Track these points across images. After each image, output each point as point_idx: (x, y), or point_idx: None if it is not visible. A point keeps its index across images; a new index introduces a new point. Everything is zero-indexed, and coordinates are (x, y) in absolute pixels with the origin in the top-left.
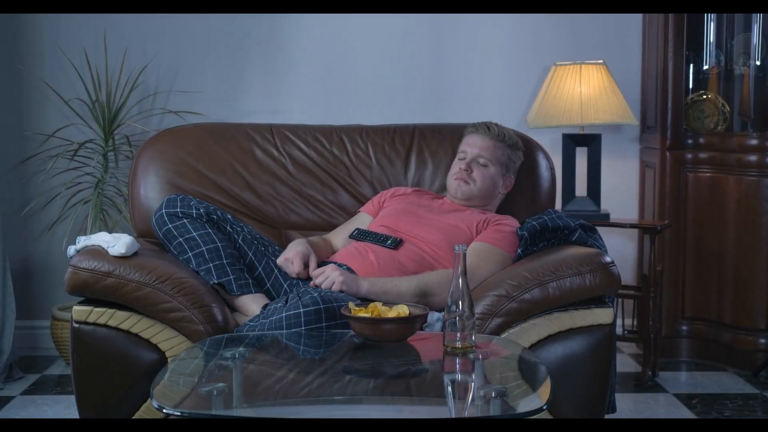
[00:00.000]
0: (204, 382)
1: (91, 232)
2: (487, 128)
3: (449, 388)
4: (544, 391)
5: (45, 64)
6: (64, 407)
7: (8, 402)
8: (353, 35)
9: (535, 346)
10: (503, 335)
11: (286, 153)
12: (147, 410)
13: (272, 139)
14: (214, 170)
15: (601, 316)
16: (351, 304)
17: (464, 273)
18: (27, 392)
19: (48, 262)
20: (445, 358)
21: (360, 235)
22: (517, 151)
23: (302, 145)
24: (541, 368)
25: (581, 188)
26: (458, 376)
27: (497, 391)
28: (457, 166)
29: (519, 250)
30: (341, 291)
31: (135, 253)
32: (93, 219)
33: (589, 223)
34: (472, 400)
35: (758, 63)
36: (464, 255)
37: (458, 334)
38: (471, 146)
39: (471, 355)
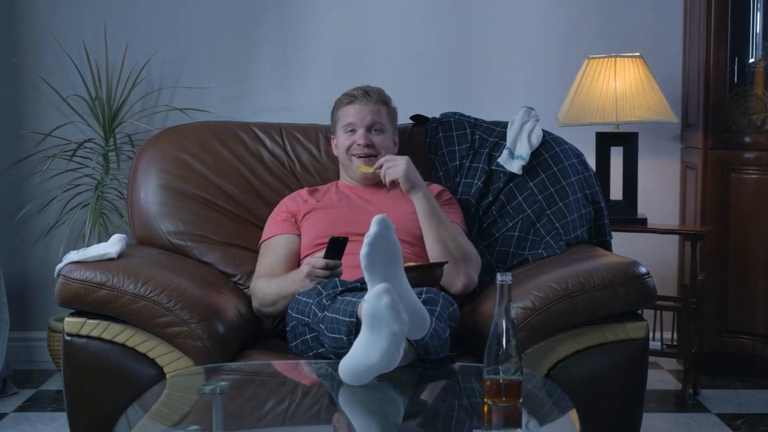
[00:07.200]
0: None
1: (91, 238)
2: (366, 93)
3: None
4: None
5: (41, 59)
6: (61, 425)
7: (0, 420)
8: (372, 25)
9: (562, 362)
10: (527, 351)
11: (296, 156)
12: (142, 429)
13: (281, 141)
14: (219, 174)
15: (634, 330)
16: None
17: (508, 309)
18: (21, 409)
19: (44, 269)
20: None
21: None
22: (394, 106)
23: (312, 148)
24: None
25: (616, 191)
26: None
27: None
28: (348, 141)
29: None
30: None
31: (133, 256)
32: (92, 224)
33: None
34: None
35: None
36: (509, 287)
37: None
38: (357, 116)
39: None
